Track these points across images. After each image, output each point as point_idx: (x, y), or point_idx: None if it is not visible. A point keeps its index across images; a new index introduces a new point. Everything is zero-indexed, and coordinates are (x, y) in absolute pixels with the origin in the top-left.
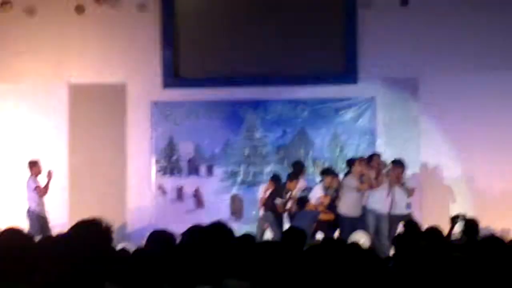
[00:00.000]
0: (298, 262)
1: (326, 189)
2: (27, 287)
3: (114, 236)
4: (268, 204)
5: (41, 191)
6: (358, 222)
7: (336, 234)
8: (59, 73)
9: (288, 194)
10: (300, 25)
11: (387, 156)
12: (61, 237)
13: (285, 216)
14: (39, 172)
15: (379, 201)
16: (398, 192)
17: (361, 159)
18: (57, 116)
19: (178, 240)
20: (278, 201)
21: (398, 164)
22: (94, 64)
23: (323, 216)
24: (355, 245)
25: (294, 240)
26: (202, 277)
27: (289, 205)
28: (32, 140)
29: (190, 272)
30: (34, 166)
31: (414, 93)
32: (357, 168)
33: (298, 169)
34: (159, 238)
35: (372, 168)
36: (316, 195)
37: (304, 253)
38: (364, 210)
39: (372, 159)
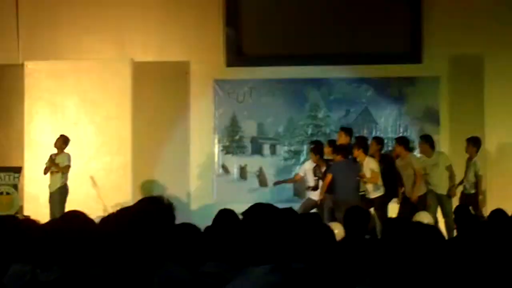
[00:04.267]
0: (361, 243)
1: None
2: (90, 267)
3: (177, 214)
4: None
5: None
6: (421, 202)
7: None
8: (122, 51)
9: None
10: (365, 4)
11: (452, 135)
12: (124, 214)
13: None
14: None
15: (438, 181)
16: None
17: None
18: (120, 94)
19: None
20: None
21: (473, 141)
22: (157, 42)
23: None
24: (420, 224)
25: (357, 221)
26: (263, 257)
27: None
28: (94, 118)
29: (251, 251)
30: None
31: (479, 72)
32: (422, 147)
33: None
34: (226, 217)
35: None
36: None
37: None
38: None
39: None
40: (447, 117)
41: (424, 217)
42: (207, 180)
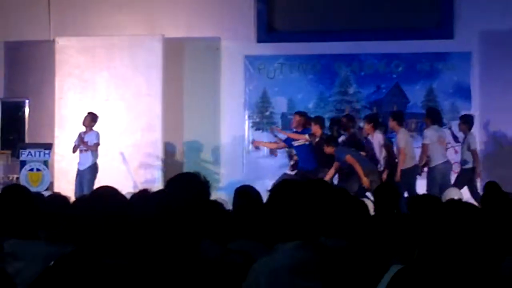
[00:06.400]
0: (392, 219)
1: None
2: (124, 242)
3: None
4: None
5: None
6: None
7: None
8: (153, 28)
9: None
10: None
11: (483, 112)
12: (159, 191)
13: None
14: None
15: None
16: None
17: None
18: (150, 71)
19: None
20: None
21: (464, 119)
22: (188, 18)
23: None
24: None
25: (388, 197)
26: (293, 233)
27: None
28: (124, 95)
29: (280, 227)
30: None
31: (511, 47)
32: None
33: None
34: (247, 193)
35: None
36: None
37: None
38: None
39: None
40: (478, 93)
41: (453, 193)
42: (237, 156)
